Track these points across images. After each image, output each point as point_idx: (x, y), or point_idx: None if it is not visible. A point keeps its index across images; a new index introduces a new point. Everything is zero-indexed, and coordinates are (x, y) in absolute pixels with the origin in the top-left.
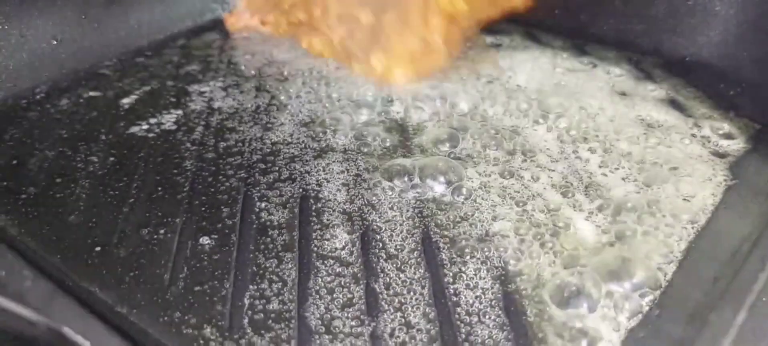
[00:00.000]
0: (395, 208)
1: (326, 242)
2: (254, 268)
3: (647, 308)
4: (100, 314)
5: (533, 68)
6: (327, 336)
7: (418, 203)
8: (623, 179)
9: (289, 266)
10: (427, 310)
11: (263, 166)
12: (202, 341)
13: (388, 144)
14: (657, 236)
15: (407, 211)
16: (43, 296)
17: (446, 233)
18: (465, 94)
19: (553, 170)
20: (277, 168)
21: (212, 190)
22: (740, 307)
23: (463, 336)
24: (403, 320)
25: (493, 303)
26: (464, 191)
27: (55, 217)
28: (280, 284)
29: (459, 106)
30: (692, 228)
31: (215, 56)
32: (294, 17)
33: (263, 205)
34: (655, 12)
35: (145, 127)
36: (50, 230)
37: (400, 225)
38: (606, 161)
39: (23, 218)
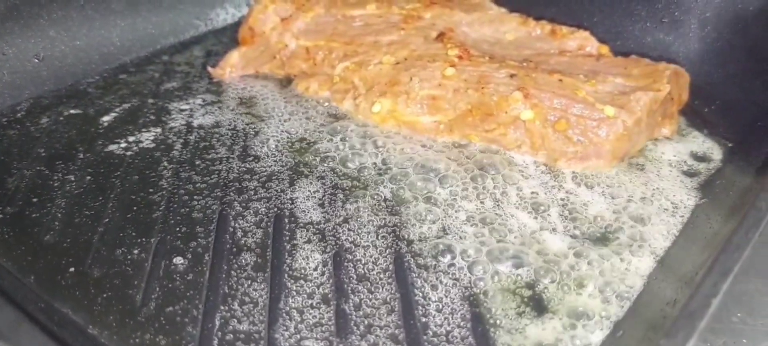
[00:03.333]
0: (369, 227)
1: (298, 262)
2: (226, 289)
3: (610, 328)
4: (66, 343)
5: None
6: None
7: (391, 223)
8: (599, 194)
9: (261, 286)
10: (396, 332)
11: (239, 186)
12: None
13: (363, 165)
14: (624, 256)
15: (381, 230)
16: (9, 324)
17: (418, 253)
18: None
19: (527, 188)
20: (253, 187)
21: (187, 209)
22: (693, 332)
23: None
24: (371, 341)
25: (461, 324)
26: (438, 211)
27: (31, 237)
28: (251, 305)
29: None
30: (659, 249)
31: (197, 73)
32: (295, 68)
33: (238, 224)
34: (631, 28)
35: (124, 145)
36: (25, 251)
37: (373, 245)
38: (579, 179)
39: None
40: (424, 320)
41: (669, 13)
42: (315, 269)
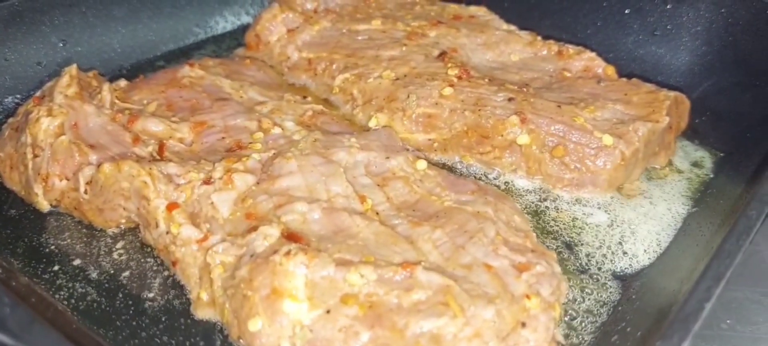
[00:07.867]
0: None
1: None
2: None
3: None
4: (79, 343)
5: None
6: None
7: None
8: (595, 205)
9: None
10: None
11: None
12: None
13: None
14: (617, 264)
15: None
16: (23, 324)
17: None
18: None
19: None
20: None
21: None
22: (687, 335)
23: None
24: None
25: None
26: None
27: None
28: None
29: None
30: (652, 254)
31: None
32: (296, 79)
33: None
34: (623, 41)
35: None
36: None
37: None
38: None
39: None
40: None
41: (661, 26)
42: None
